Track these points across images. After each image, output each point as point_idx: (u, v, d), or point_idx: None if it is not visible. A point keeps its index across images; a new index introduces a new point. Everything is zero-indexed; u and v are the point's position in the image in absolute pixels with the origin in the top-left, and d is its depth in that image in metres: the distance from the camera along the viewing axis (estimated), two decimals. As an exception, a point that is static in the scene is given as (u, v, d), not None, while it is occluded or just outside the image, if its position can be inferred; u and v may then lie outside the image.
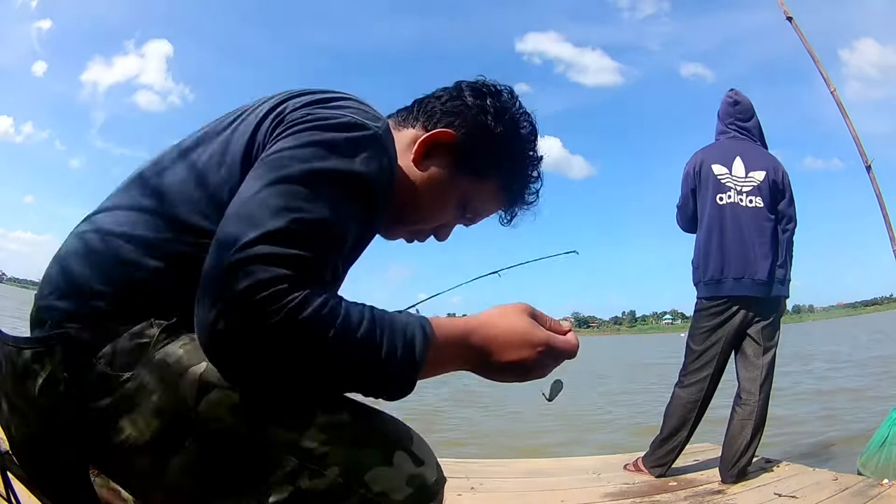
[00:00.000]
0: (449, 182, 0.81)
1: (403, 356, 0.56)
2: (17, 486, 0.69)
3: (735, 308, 2.39)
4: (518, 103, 0.85)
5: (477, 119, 0.81)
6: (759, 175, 2.43)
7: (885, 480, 2.17)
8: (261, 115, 0.69)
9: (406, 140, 0.81)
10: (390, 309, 0.59)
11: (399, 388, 0.58)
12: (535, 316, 0.66)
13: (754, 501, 2.09)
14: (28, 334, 0.65)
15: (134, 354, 0.59)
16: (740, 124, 2.55)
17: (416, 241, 0.88)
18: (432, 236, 0.88)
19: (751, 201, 2.41)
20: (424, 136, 0.80)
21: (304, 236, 0.55)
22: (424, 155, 0.80)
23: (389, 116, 0.86)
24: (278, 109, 0.68)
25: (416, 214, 0.82)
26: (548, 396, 0.73)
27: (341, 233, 0.60)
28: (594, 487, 2.33)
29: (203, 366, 0.57)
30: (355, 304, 0.57)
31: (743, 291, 2.36)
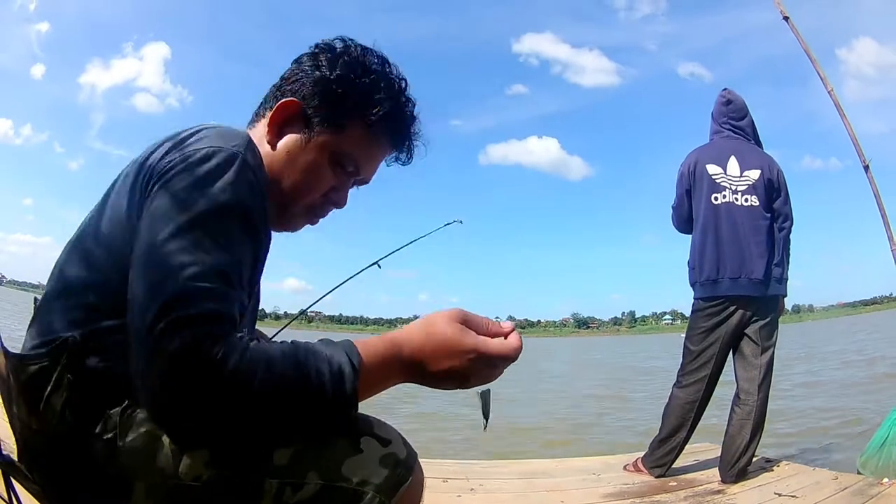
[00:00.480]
0: (307, 146, 0.78)
1: (334, 391, 0.56)
2: (22, 493, 0.70)
3: (732, 308, 2.39)
4: (354, 46, 0.81)
5: (313, 75, 0.79)
6: (754, 174, 2.42)
7: (885, 480, 2.17)
8: (132, 176, 0.67)
9: (261, 131, 0.79)
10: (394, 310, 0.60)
11: (340, 417, 0.58)
12: (466, 321, 0.63)
13: (754, 501, 2.09)
14: (27, 335, 0.66)
15: (108, 451, 0.60)
16: (734, 123, 2.55)
17: (319, 220, 0.85)
18: (333, 208, 0.84)
19: (746, 200, 2.41)
20: (270, 115, 0.79)
21: (204, 290, 0.55)
22: (277, 133, 0.78)
23: (248, 124, 0.85)
24: (146, 165, 0.66)
25: (294, 193, 0.79)
26: (485, 422, 0.71)
27: (237, 269, 0.59)
28: (594, 488, 2.33)
29: (167, 437, 0.59)
30: (275, 343, 0.57)
31: (740, 291, 2.36)
